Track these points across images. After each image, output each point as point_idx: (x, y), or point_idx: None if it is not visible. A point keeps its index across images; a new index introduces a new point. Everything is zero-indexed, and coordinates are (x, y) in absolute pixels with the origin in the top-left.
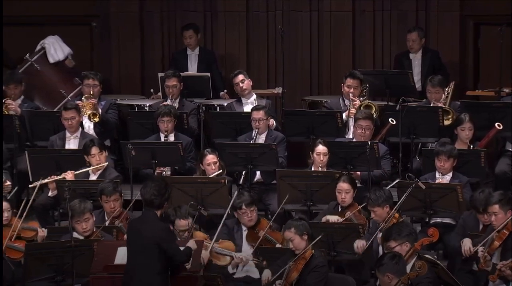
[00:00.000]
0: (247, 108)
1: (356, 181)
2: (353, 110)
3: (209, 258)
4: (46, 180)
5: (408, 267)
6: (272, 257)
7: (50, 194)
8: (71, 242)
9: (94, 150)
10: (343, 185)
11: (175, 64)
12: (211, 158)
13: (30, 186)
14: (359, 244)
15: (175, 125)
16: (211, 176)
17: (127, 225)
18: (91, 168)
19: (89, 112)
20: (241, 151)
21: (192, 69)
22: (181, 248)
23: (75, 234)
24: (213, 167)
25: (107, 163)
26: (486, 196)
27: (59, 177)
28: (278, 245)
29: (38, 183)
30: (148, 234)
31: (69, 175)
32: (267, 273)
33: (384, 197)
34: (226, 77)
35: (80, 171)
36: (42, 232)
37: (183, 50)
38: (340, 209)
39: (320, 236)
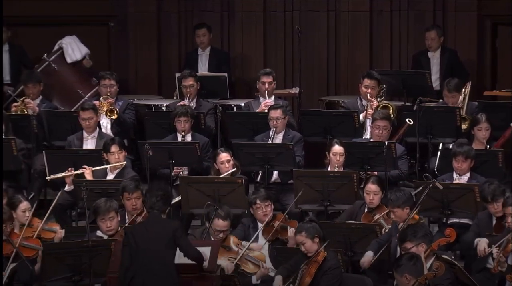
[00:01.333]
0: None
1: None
2: (370, 111)
3: (233, 269)
4: (63, 174)
5: (426, 268)
6: (287, 257)
7: (66, 188)
8: (89, 241)
9: (114, 148)
10: (372, 187)
11: (188, 64)
12: (224, 156)
13: (47, 178)
14: (366, 259)
15: (192, 125)
16: (224, 174)
17: (123, 240)
18: (110, 165)
19: (106, 108)
20: (258, 150)
21: (203, 69)
22: (198, 248)
23: (99, 233)
24: (227, 165)
25: (125, 162)
26: (495, 187)
27: (77, 172)
28: (292, 229)
29: (55, 176)
30: (163, 233)
31: (87, 170)
32: (278, 280)
33: (404, 198)
34: (241, 77)
35: (98, 167)
36: (60, 233)
37: (195, 50)
38: (366, 210)
39: (328, 241)
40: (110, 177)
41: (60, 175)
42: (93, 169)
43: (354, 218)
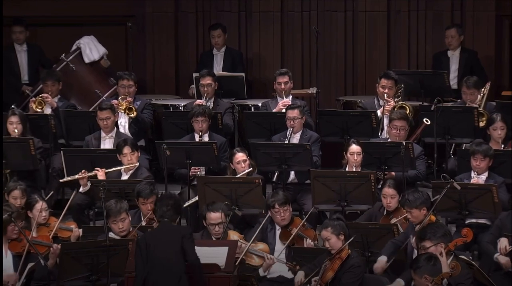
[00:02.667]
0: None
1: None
2: (387, 107)
3: (241, 258)
4: (77, 176)
5: (443, 268)
6: (305, 258)
7: (81, 189)
8: (106, 241)
9: (126, 150)
10: (389, 190)
11: (202, 64)
12: (240, 156)
13: (61, 180)
14: (379, 265)
15: (209, 125)
16: (240, 174)
17: (136, 245)
18: (123, 167)
19: (125, 106)
20: (275, 150)
21: (218, 69)
22: (212, 248)
23: (111, 234)
24: (243, 165)
25: (137, 164)
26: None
27: (90, 173)
28: (308, 240)
29: (69, 179)
30: (174, 242)
31: (100, 172)
32: (300, 275)
33: (422, 199)
34: (259, 77)
35: (112, 169)
36: (77, 232)
37: (210, 50)
38: (385, 213)
39: (354, 236)
40: (124, 178)
41: (74, 177)
42: (106, 170)
43: (373, 220)
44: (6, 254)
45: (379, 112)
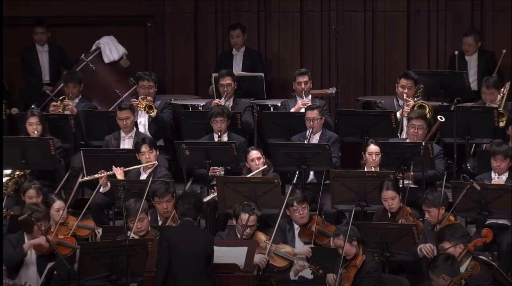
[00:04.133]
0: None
1: (410, 182)
2: (406, 109)
3: (267, 260)
4: (96, 175)
5: (462, 268)
6: (326, 258)
7: (101, 190)
8: (126, 241)
9: (144, 148)
10: (388, 193)
11: (222, 64)
12: (254, 153)
13: (80, 180)
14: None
15: (228, 125)
16: (255, 171)
17: (160, 236)
18: (141, 165)
19: (145, 104)
20: (294, 151)
21: (237, 69)
22: (231, 248)
23: (130, 234)
24: (257, 162)
25: (156, 163)
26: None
27: (109, 173)
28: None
29: (88, 178)
30: (198, 243)
31: (118, 171)
32: (330, 277)
33: (441, 198)
34: (278, 77)
35: (131, 168)
36: (97, 231)
37: (229, 50)
38: (390, 215)
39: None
40: (143, 176)
41: (93, 177)
42: (125, 169)
43: None
44: (31, 254)
45: (398, 114)
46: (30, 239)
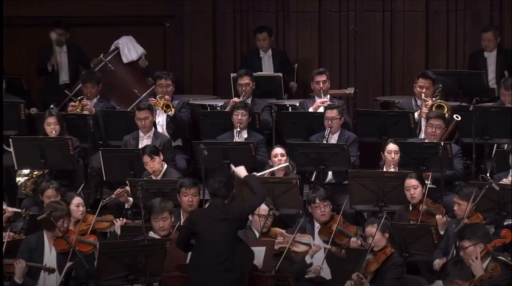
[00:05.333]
0: (320, 109)
1: (429, 182)
2: (425, 110)
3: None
4: (113, 196)
5: (481, 270)
6: (344, 259)
7: (126, 206)
8: (144, 241)
9: (145, 158)
10: (410, 181)
11: (248, 64)
12: (278, 150)
13: (101, 204)
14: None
15: (249, 121)
16: (276, 167)
17: (189, 220)
18: (151, 175)
19: (162, 103)
20: (312, 151)
21: (267, 70)
22: (252, 248)
23: (151, 234)
24: (279, 158)
25: (164, 167)
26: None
27: (124, 189)
28: (353, 238)
29: (108, 200)
30: (229, 215)
31: (127, 188)
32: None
33: (474, 194)
34: (296, 78)
35: (142, 179)
36: (119, 222)
37: (255, 50)
38: (411, 208)
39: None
40: None
41: (110, 198)
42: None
43: (401, 218)
44: (51, 251)
45: (416, 114)
46: (50, 237)
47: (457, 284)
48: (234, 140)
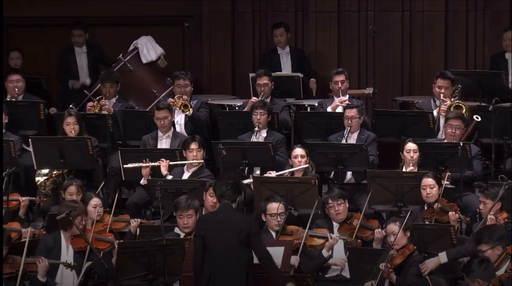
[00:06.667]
0: (339, 108)
1: (447, 182)
2: (443, 107)
3: (297, 260)
4: (140, 164)
5: (501, 272)
6: (363, 258)
7: (142, 181)
8: (163, 240)
9: (194, 145)
10: (427, 180)
11: (267, 63)
12: (299, 151)
13: (125, 166)
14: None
15: (269, 120)
16: (296, 168)
17: (197, 224)
18: (187, 162)
19: (180, 103)
20: (331, 150)
21: (285, 67)
22: (271, 248)
23: (176, 230)
24: (299, 160)
25: (203, 161)
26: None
27: (154, 164)
28: (377, 230)
29: (132, 166)
30: (237, 226)
31: (163, 163)
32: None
33: (501, 194)
34: (315, 77)
35: (176, 162)
36: (135, 222)
37: (273, 49)
38: (426, 207)
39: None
40: (186, 175)
41: (139, 165)
42: (170, 163)
43: (416, 218)
44: (68, 250)
45: (435, 112)
46: (67, 236)
47: (478, 283)
48: (251, 140)
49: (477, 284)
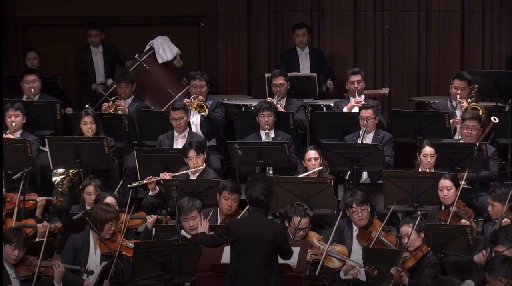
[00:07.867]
0: (354, 109)
1: (464, 182)
2: (458, 120)
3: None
4: (144, 181)
5: None
6: (379, 259)
7: (150, 193)
8: (179, 240)
9: (191, 153)
10: (444, 182)
11: (286, 63)
12: (312, 153)
13: (129, 186)
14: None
15: (277, 123)
16: (310, 172)
17: (228, 226)
18: (189, 170)
19: (196, 103)
20: (347, 151)
21: (304, 68)
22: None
23: (183, 232)
24: (313, 163)
25: (203, 166)
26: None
27: (157, 178)
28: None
29: (137, 184)
30: (268, 235)
31: (167, 176)
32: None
33: (509, 195)
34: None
35: (178, 173)
36: (151, 218)
37: (291, 49)
38: (443, 208)
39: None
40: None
41: (141, 182)
42: (173, 174)
43: (433, 219)
44: (95, 252)
45: (451, 121)
46: (96, 238)
47: (501, 281)
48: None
49: (499, 282)
